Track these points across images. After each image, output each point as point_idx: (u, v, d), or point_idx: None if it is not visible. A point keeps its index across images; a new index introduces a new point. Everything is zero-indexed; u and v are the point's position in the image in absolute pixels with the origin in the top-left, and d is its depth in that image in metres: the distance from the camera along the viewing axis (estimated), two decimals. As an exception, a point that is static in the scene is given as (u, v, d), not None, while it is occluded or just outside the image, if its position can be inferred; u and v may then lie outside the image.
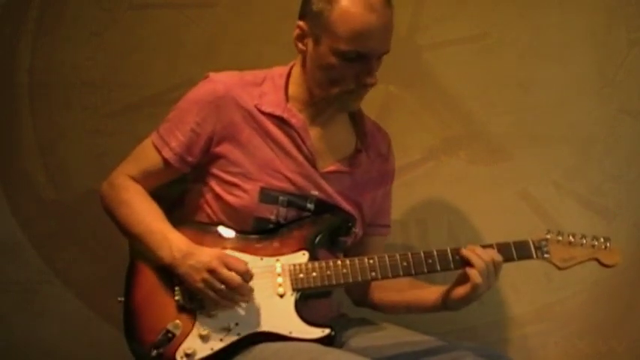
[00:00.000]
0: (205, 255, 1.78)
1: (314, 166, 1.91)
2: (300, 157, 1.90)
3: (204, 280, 1.76)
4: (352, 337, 1.94)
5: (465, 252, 1.83)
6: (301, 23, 1.84)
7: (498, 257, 1.82)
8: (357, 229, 1.97)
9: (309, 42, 1.84)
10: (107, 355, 1.93)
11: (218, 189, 1.88)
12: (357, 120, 2.00)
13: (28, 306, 2.53)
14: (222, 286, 1.75)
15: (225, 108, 1.87)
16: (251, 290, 1.79)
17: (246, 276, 1.77)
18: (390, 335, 1.94)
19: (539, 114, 2.41)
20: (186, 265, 1.78)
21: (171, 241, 1.82)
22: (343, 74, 1.81)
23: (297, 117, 1.90)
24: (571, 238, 1.92)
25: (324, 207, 1.91)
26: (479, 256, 1.81)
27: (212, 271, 1.76)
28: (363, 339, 1.93)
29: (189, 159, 1.89)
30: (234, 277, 1.76)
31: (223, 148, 1.87)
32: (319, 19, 1.79)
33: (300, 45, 1.86)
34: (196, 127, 1.87)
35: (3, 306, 2.54)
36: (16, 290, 2.52)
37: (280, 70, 1.94)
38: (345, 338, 1.94)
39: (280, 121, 1.89)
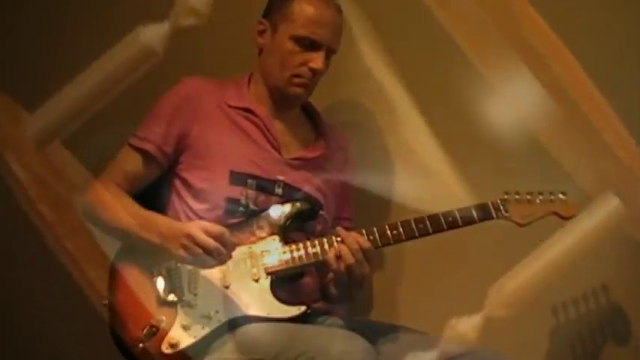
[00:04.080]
0: (185, 224, 1.89)
1: (279, 153, 2.05)
2: (267, 145, 2.04)
3: (182, 246, 1.85)
4: None
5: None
6: (263, 20, 2.05)
7: (365, 244, 1.89)
8: (326, 214, 2.06)
9: (268, 35, 2.03)
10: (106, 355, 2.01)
11: (189, 177, 2.01)
12: (312, 115, 2.17)
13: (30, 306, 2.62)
14: (199, 250, 1.84)
15: (195, 103, 2.03)
16: (229, 252, 1.87)
17: (222, 239, 1.85)
18: (387, 334, 1.97)
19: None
20: (170, 238, 1.88)
21: (155, 223, 1.92)
22: (294, 58, 2.00)
23: (260, 109, 2.07)
24: (528, 196, 1.98)
25: (292, 192, 2.03)
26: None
27: (188, 236, 1.84)
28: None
29: (166, 149, 2.01)
30: (209, 240, 1.84)
31: (194, 140, 2.02)
32: (280, 10, 2.01)
33: (259, 39, 2.05)
34: (170, 119, 2.02)
35: (4, 306, 2.64)
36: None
37: (242, 75, 2.13)
38: None
39: (246, 112, 2.06)
